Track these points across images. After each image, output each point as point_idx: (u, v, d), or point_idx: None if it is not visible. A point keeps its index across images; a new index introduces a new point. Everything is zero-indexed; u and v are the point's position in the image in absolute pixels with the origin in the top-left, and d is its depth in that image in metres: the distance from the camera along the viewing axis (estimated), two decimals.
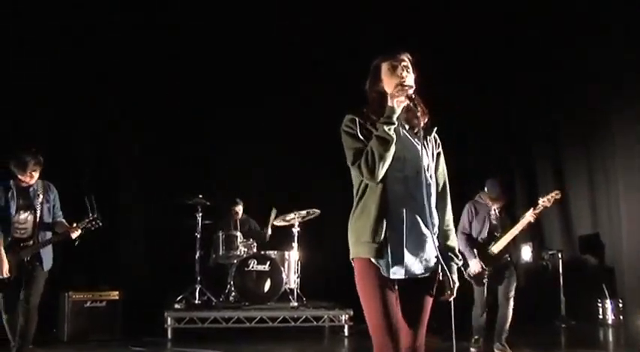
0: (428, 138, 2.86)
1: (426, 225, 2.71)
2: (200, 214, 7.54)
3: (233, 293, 7.26)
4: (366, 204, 2.71)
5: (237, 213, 8.04)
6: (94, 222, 5.21)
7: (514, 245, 5.89)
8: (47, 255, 5.19)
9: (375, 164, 2.62)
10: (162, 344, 6.52)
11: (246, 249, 7.55)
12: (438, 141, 2.93)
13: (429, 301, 2.78)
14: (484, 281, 5.64)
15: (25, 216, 5.13)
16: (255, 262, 7.22)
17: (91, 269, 7.29)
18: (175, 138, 8.39)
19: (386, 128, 2.64)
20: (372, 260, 2.65)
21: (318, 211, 7.55)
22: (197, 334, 6.75)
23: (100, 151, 8.16)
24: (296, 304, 7.18)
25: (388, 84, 2.77)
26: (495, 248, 5.63)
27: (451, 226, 2.87)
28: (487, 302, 5.71)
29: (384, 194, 2.67)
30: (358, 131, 2.73)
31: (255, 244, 7.63)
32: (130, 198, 8.27)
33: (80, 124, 7.94)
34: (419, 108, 2.79)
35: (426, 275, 2.73)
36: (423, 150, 2.76)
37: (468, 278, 5.71)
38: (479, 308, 5.72)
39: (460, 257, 2.87)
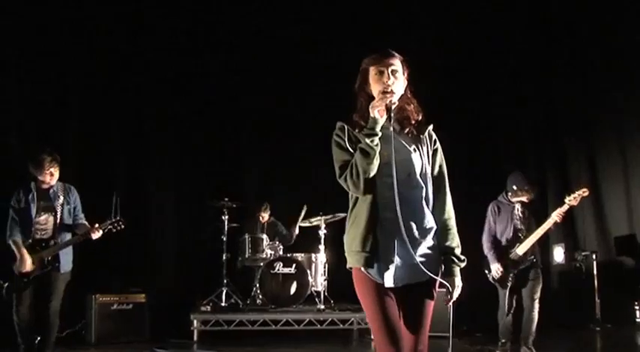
0: (422, 136, 2.77)
1: (420, 230, 2.65)
2: (226, 217, 7.54)
3: (259, 296, 7.24)
4: (357, 213, 2.67)
5: (263, 216, 8.03)
6: (116, 224, 5.18)
7: (540, 246, 5.71)
8: (66, 256, 5.18)
9: (359, 178, 2.57)
10: (188, 347, 6.53)
11: (272, 252, 7.53)
12: (434, 137, 2.83)
13: (429, 305, 2.71)
14: (508, 283, 5.51)
15: (45, 217, 5.15)
16: (281, 265, 7.19)
17: (120, 271, 7.34)
18: (205, 140, 8.42)
19: (368, 141, 2.58)
20: (362, 269, 2.63)
21: (343, 215, 7.49)
22: (223, 336, 6.75)
23: (131, 154, 8.22)
24: (322, 307, 7.12)
25: (375, 89, 2.69)
26: (520, 249, 5.49)
27: (450, 225, 2.75)
28: (512, 305, 5.57)
29: (374, 202, 2.63)
30: (346, 140, 2.67)
31: (281, 247, 7.60)
32: (160, 201, 8.32)
33: (112, 126, 8.02)
34: (411, 108, 2.73)
35: (424, 280, 2.65)
36: (415, 150, 2.70)
37: (492, 281, 5.59)
38: (504, 310, 5.58)
39: (463, 258, 2.75)
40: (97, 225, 5.15)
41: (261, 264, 7.31)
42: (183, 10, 8.24)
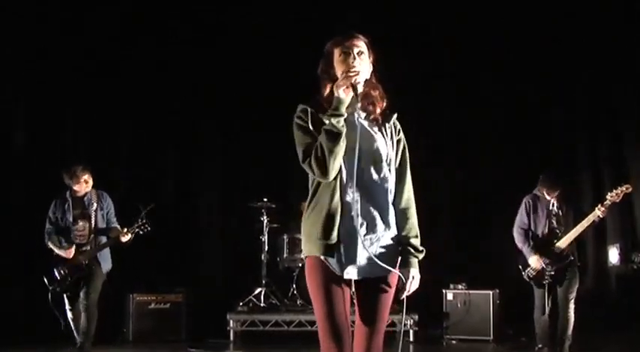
0: (387, 124, 2.64)
1: (384, 221, 2.54)
2: (266, 217, 7.53)
3: (298, 297, 7.18)
4: (319, 200, 2.56)
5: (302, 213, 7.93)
6: (143, 227, 5.50)
7: (578, 243, 5.39)
8: (104, 257, 5.57)
9: (325, 161, 2.45)
10: (224, 347, 6.55)
11: None
12: (399, 127, 2.71)
13: (386, 300, 2.59)
14: (544, 282, 5.22)
15: (82, 224, 5.56)
16: None
17: (165, 270, 7.46)
18: (251, 140, 8.42)
19: (334, 121, 2.46)
20: (322, 258, 2.51)
21: None
22: (260, 337, 6.73)
23: (178, 154, 8.35)
24: None
25: (340, 71, 2.57)
26: (557, 246, 5.20)
27: (409, 215, 2.64)
28: (548, 305, 5.28)
29: (337, 188, 2.51)
30: (310, 123, 2.55)
31: None
32: (207, 201, 8.40)
33: (159, 131, 8.17)
34: (376, 93, 2.61)
35: (384, 273, 2.54)
36: (381, 138, 2.59)
37: (527, 280, 5.32)
38: (540, 311, 5.33)
39: (421, 249, 2.63)
40: (125, 230, 5.48)
41: (300, 264, 7.25)
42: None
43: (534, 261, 5.25)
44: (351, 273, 2.52)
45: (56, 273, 5.42)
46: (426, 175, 8.22)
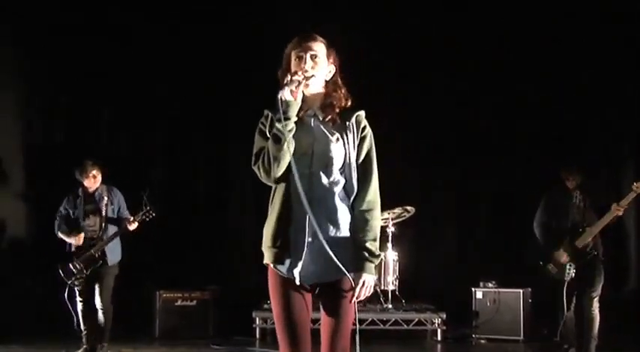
0: (347, 123, 2.56)
1: (335, 225, 2.49)
2: None
3: None
4: (274, 206, 2.54)
5: None
6: (147, 214, 5.58)
7: (601, 239, 5.17)
8: (111, 249, 5.62)
9: (270, 165, 2.44)
10: (250, 344, 6.55)
11: None
12: (363, 124, 2.61)
13: (343, 304, 2.53)
14: (565, 278, 5.03)
15: (93, 219, 5.69)
16: None
17: (187, 268, 7.54)
18: None
19: (279, 125, 2.41)
20: (272, 266, 2.51)
21: (412, 209, 7.23)
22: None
23: (213, 153, 8.42)
24: (387, 306, 6.90)
25: None
26: (579, 241, 5.00)
27: (369, 217, 2.55)
28: (571, 302, 5.09)
29: (288, 194, 2.49)
30: (268, 128, 2.52)
31: None
32: (232, 200, 8.45)
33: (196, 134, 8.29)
34: (337, 94, 2.56)
35: (336, 278, 2.49)
36: (338, 140, 2.52)
37: (548, 275, 5.13)
38: (563, 310, 5.11)
39: (378, 253, 2.56)
40: (131, 218, 5.59)
41: None
42: None
43: (558, 256, 5.07)
44: (303, 279, 2.50)
45: (71, 267, 5.52)
46: (461, 173, 8.21)
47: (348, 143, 2.55)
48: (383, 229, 7.33)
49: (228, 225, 8.29)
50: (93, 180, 5.65)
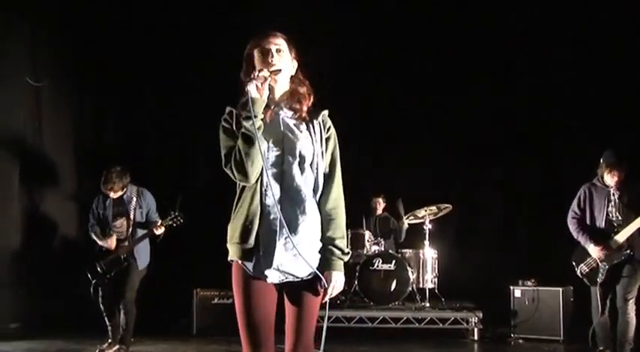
0: (314, 122, 2.54)
1: (306, 223, 2.46)
2: None
3: (361, 293, 7.09)
4: (242, 203, 2.49)
5: (378, 206, 7.90)
6: (175, 220, 5.57)
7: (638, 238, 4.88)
8: (141, 253, 5.62)
9: (244, 164, 2.40)
10: (283, 342, 6.55)
11: (377, 248, 7.35)
12: (328, 124, 2.59)
13: (310, 302, 2.52)
14: (599, 279, 4.79)
15: (121, 221, 5.67)
16: (380, 261, 6.99)
17: (225, 267, 7.62)
18: None
19: (248, 123, 2.38)
20: (240, 262, 2.47)
21: (449, 206, 7.11)
22: (319, 333, 6.69)
23: None
24: (424, 304, 6.80)
25: None
26: (614, 241, 4.76)
27: (335, 215, 2.53)
28: (605, 304, 4.86)
29: (258, 191, 2.45)
30: (234, 125, 2.49)
31: (382, 242, 7.40)
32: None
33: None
34: (303, 90, 2.53)
35: (304, 276, 2.47)
36: (307, 137, 2.49)
37: (581, 276, 4.91)
38: (597, 311, 4.88)
39: (347, 251, 2.53)
40: (159, 222, 5.57)
41: (361, 260, 7.16)
42: None
43: (594, 251, 4.86)
44: (270, 277, 2.46)
45: (97, 268, 5.56)
46: (503, 171, 7.98)
47: (315, 141, 2.53)
48: (420, 226, 7.24)
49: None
50: (111, 192, 5.57)
